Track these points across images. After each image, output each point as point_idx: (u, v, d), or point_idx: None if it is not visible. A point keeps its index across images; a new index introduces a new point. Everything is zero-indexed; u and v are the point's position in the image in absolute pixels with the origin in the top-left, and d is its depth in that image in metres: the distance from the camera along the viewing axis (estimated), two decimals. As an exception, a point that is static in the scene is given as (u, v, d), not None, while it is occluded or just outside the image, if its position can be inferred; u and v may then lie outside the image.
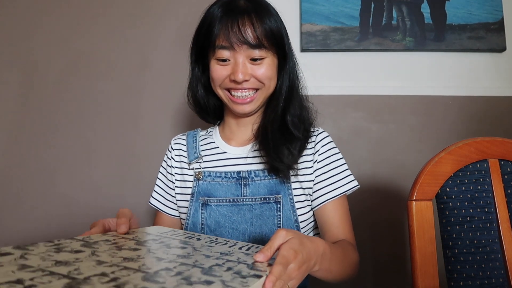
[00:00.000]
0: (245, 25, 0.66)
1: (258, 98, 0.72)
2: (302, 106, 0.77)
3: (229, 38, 0.66)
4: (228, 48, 0.67)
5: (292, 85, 0.75)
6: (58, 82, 1.26)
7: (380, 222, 1.17)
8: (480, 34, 1.23)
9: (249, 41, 0.66)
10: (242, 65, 0.68)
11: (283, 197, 0.71)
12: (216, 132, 0.82)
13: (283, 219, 0.71)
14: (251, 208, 0.71)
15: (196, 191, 0.75)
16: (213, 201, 0.73)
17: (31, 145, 1.23)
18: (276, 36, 0.69)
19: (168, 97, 1.26)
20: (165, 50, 1.27)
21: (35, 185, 1.22)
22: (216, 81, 0.71)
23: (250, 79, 0.69)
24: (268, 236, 0.70)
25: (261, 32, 0.66)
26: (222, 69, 0.70)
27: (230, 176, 0.74)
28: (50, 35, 1.27)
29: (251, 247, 0.53)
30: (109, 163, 1.23)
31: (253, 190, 0.72)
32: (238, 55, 0.67)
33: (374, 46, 1.23)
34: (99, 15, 1.28)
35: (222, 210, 0.72)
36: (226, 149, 0.79)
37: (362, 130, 1.24)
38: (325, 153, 0.76)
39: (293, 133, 0.72)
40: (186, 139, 0.84)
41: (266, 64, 0.70)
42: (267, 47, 0.68)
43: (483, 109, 1.23)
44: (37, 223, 1.20)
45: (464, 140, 0.74)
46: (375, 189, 1.20)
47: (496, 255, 0.68)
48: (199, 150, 0.80)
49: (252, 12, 0.67)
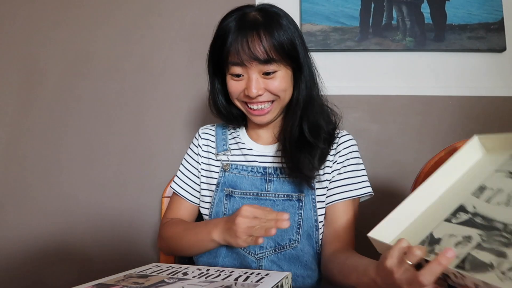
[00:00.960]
0: (254, 42, 0.66)
1: (274, 109, 0.73)
2: (321, 112, 0.77)
3: (239, 55, 0.66)
4: (239, 64, 0.68)
5: (309, 94, 0.74)
6: (58, 83, 1.26)
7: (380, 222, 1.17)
8: (480, 34, 1.23)
9: (258, 57, 0.66)
10: (255, 80, 0.68)
11: (306, 196, 0.73)
12: (243, 131, 0.84)
13: (303, 217, 0.72)
14: (273, 204, 0.73)
15: (222, 181, 0.77)
16: (237, 193, 0.75)
17: (32, 145, 1.23)
18: (287, 49, 0.68)
19: (170, 97, 1.26)
20: (167, 51, 1.27)
21: (35, 185, 1.22)
22: (233, 95, 0.73)
23: (264, 93, 0.70)
24: (287, 232, 0.71)
25: (270, 47, 0.66)
26: (237, 84, 0.71)
27: (256, 171, 0.76)
28: (51, 35, 1.27)
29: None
30: (111, 163, 1.23)
31: (277, 186, 0.74)
32: (250, 70, 0.68)
33: (374, 46, 1.23)
34: (100, 15, 1.28)
35: (245, 202, 0.74)
36: (253, 146, 0.80)
37: (362, 130, 1.24)
38: (345, 155, 0.77)
39: (311, 142, 0.73)
40: (215, 129, 0.86)
41: (279, 77, 0.69)
42: (278, 60, 0.68)
43: (483, 109, 1.23)
44: (38, 222, 1.20)
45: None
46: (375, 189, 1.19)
47: (496, 255, 0.68)
48: (228, 142, 0.82)
49: (261, 27, 0.66)
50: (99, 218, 1.20)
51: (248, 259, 0.72)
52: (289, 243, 0.71)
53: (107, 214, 1.21)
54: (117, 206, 1.21)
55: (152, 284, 0.49)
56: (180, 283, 0.50)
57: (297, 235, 0.72)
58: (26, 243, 1.18)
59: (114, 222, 1.20)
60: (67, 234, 1.20)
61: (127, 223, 1.20)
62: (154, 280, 0.51)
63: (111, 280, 0.52)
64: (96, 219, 1.20)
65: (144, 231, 1.20)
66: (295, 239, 0.71)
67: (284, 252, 0.71)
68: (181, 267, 0.60)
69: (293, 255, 0.71)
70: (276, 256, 0.71)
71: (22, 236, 1.19)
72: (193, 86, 1.25)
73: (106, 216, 1.20)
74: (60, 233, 1.20)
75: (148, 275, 0.55)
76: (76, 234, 1.20)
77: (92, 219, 1.20)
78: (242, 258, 0.72)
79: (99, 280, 0.51)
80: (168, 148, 1.23)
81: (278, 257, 0.71)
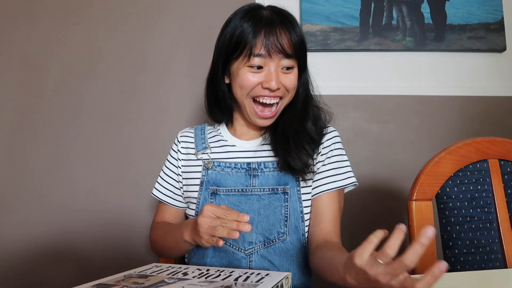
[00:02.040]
0: (282, 35, 0.68)
1: (279, 110, 0.74)
2: (316, 111, 0.79)
3: (267, 46, 0.67)
4: (264, 56, 0.68)
5: (307, 94, 0.78)
6: (59, 83, 1.26)
7: (380, 222, 1.17)
8: (480, 34, 1.23)
9: (285, 49, 0.68)
10: (276, 73, 0.69)
11: (291, 188, 0.73)
12: (224, 128, 0.84)
13: (290, 209, 0.72)
14: (259, 198, 0.73)
15: (205, 180, 0.77)
16: (222, 191, 0.75)
17: (32, 145, 1.23)
18: (304, 47, 0.72)
19: (167, 98, 1.26)
20: (165, 51, 1.27)
21: (35, 185, 1.22)
22: (247, 88, 0.71)
23: (281, 88, 0.71)
24: (275, 225, 0.71)
25: (296, 42, 0.69)
26: (254, 76, 0.70)
27: (240, 167, 0.76)
28: (51, 35, 1.27)
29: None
30: (111, 163, 1.23)
31: (262, 180, 0.74)
32: (272, 63, 0.69)
33: (374, 46, 1.23)
34: (99, 15, 1.28)
35: (231, 200, 0.74)
36: (235, 142, 0.81)
37: (362, 130, 1.24)
38: (329, 147, 0.78)
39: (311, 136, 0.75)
40: (193, 131, 0.86)
41: (294, 73, 0.72)
42: (297, 57, 0.71)
43: (483, 109, 1.23)
44: (38, 222, 1.20)
45: (464, 140, 0.74)
46: (375, 189, 1.20)
47: (496, 255, 0.69)
48: (207, 141, 0.82)
49: (286, 22, 0.70)
50: (99, 218, 1.20)
51: (237, 255, 0.72)
52: (278, 237, 0.72)
53: (107, 214, 1.21)
54: (117, 206, 1.21)
55: (152, 284, 0.49)
56: (180, 283, 0.50)
57: (285, 228, 0.72)
58: (26, 243, 1.18)
59: (114, 222, 1.20)
60: (67, 234, 1.20)
61: (127, 223, 1.20)
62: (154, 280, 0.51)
63: (111, 280, 0.52)
64: (96, 219, 1.20)
65: (144, 231, 1.20)
66: (284, 231, 0.72)
67: (274, 246, 0.71)
68: (181, 267, 0.60)
69: (283, 249, 0.72)
70: (266, 251, 0.71)
71: (22, 236, 1.19)
72: (193, 86, 1.25)
73: (107, 216, 1.20)
74: (60, 233, 1.20)
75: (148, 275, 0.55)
76: (76, 234, 1.20)
77: (92, 219, 1.20)
78: (231, 256, 0.72)
79: (99, 280, 0.51)
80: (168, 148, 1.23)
81: (268, 251, 0.71)
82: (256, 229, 0.72)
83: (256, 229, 0.72)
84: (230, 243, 0.72)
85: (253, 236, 0.71)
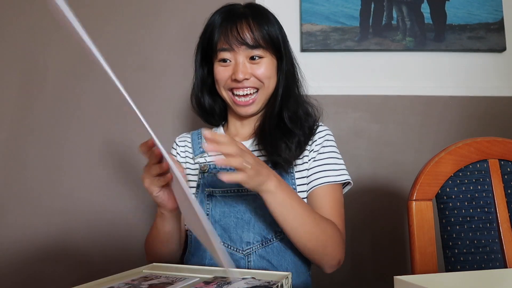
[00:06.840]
0: (243, 28, 0.72)
1: (259, 99, 0.77)
2: (299, 103, 0.81)
3: (228, 41, 0.72)
4: (228, 49, 0.73)
5: (287, 85, 0.79)
6: (59, 83, 1.26)
7: (380, 222, 1.17)
8: (480, 34, 1.23)
9: (247, 41, 0.72)
10: (242, 64, 0.73)
11: None
12: (221, 130, 0.86)
13: None
14: (255, 198, 0.73)
15: (202, 183, 0.78)
16: (218, 192, 0.75)
17: (32, 145, 1.23)
18: (273, 38, 0.75)
19: (168, 98, 1.26)
20: (165, 52, 1.27)
21: (35, 185, 1.22)
22: (220, 82, 0.76)
23: (250, 78, 0.74)
24: (272, 225, 0.71)
25: (258, 33, 0.72)
26: (224, 70, 0.75)
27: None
28: (51, 35, 1.27)
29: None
30: (111, 163, 1.23)
31: None
32: (238, 55, 0.73)
33: (374, 46, 1.23)
34: (99, 16, 1.28)
35: (227, 200, 0.74)
36: None
37: (362, 130, 1.24)
38: (321, 144, 0.78)
39: (290, 128, 0.76)
40: (191, 136, 0.88)
41: (265, 63, 0.75)
42: (265, 47, 0.74)
43: (483, 109, 1.23)
44: (37, 222, 1.20)
45: (464, 140, 0.74)
46: (375, 189, 1.20)
47: (496, 255, 0.68)
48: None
49: (249, 16, 0.73)
50: (99, 218, 1.20)
51: (235, 256, 0.72)
52: (275, 235, 0.72)
53: (107, 214, 1.21)
54: (117, 206, 1.21)
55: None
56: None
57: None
58: (26, 243, 1.18)
59: (114, 222, 1.20)
60: (67, 234, 1.20)
61: (127, 223, 1.20)
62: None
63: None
64: (96, 219, 1.20)
65: (144, 232, 1.19)
66: (281, 230, 0.71)
67: (272, 245, 0.71)
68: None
69: (281, 248, 0.71)
70: (264, 250, 0.71)
71: (22, 236, 1.19)
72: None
73: (106, 216, 1.20)
74: (60, 233, 1.19)
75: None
76: (76, 234, 1.20)
77: (92, 219, 1.20)
78: (229, 256, 0.72)
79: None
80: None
81: (266, 251, 0.71)
82: (253, 229, 0.71)
83: (253, 229, 0.71)
84: (228, 244, 0.72)
85: (250, 236, 0.71)
